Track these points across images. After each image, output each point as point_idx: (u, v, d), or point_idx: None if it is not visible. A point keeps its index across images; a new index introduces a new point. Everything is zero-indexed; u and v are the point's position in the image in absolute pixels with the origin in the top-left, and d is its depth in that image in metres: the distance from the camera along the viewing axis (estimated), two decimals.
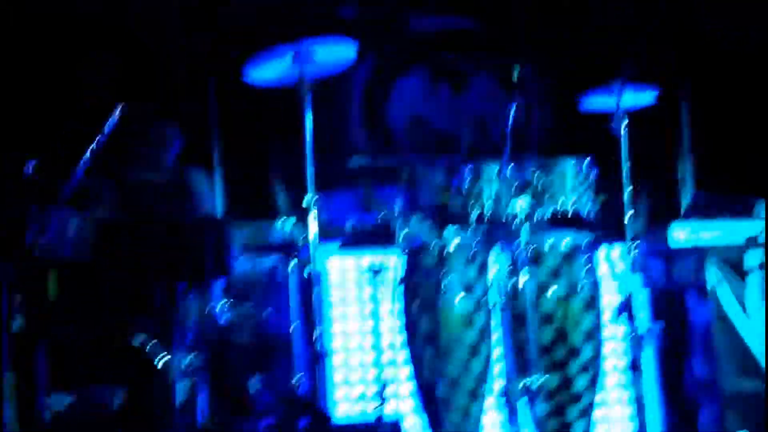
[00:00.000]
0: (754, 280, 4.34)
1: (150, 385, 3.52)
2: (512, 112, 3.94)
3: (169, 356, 3.53)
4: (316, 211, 3.83)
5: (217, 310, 3.84)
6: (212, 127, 5.11)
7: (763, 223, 4.47)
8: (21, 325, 3.44)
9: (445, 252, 4.18)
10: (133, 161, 4.55)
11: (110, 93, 3.53)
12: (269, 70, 4.03)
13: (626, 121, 4.26)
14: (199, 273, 3.69)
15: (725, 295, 4.37)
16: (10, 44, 4.78)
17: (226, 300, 3.86)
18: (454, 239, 4.21)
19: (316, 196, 3.88)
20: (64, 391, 3.53)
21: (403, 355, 4.30)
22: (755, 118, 5.26)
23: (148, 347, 3.56)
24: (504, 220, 4.08)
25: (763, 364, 4.32)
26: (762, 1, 5.21)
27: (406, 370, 4.35)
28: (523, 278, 4.01)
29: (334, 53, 4.02)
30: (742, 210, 4.70)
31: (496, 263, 4.16)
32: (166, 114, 4.45)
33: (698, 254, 4.40)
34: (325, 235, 4.05)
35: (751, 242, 4.39)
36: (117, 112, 3.49)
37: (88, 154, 3.48)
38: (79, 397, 3.53)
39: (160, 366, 3.53)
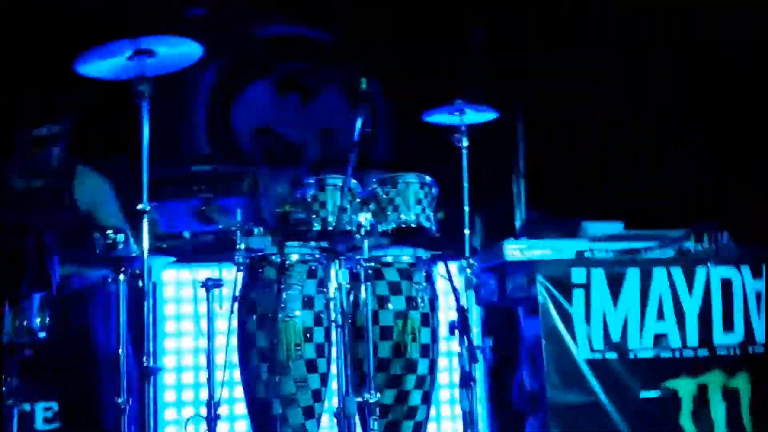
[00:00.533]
0: (579, 296, 4.22)
1: None
2: (359, 125, 3.68)
3: None
4: (149, 221, 3.32)
5: (35, 325, 3.29)
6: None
7: (587, 243, 4.42)
8: None
9: (286, 264, 3.86)
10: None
11: None
12: (106, 66, 3.48)
13: (466, 139, 4.17)
14: (16, 286, 3.15)
15: (553, 311, 4.20)
16: None
17: (44, 315, 3.31)
18: (295, 252, 3.92)
19: (151, 205, 3.38)
20: None
21: (238, 373, 3.94)
22: (583, 143, 5.29)
23: None
24: (346, 234, 3.81)
25: (586, 377, 4.19)
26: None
27: (240, 390, 3.99)
28: (363, 292, 3.75)
29: (178, 53, 3.51)
30: (569, 229, 4.64)
31: (337, 277, 3.82)
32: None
33: (529, 270, 4.25)
34: (159, 246, 3.58)
35: (580, 257, 4.32)
36: None
37: None
38: None
39: None
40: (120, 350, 3.35)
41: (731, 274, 4.37)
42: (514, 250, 4.29)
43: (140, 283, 3.33)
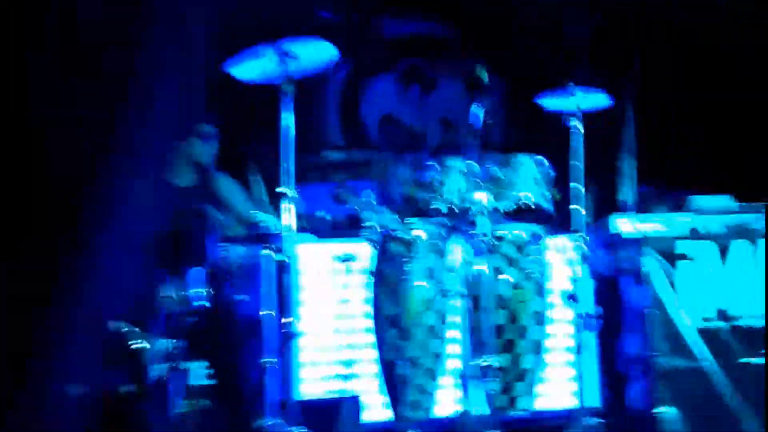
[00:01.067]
0: (686, 268, 4.12)
1: (127, 369, 3.11)
2: (478, 111, 3.62)
3: (145, 341, 3.12)
4: (292, 202, 3.40)
5: (196, 295, 3.42)
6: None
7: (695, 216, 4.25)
8: None
9: (411, 240, 3.85)
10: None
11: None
12: (252, 68, 3.58)
13: (580, 121, 4.00)
14: (177, 261, 3.28)
15: (659, 281, 4.12)
16: None
17: (202, 287, 3.43)
18: (419, 228, 3.89)
19: (293, 188, 3.46)
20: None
21: (369, 337, 3.97)
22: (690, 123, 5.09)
23: (125, 332, 3.14)
24: (466, 212, 3.75)
25: (692, 344, 4.10)
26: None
27: (371, 352, 4.01)
28: (481, 265, 3.66)
29: (314, 54, 3.58)
30: (677, 204, 4.47)
31: (458, 251, 3.82)
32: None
33: (636, 244, 4.18)
34: (300, 225, 3.65)
35: (694, 233, 4.19)
36: None
37: None
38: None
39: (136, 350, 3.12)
40: (267, 316, 3.41)
41: None
42: (624, 224, 4.18)
43: (285, 258, 3.44)
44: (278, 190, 3.23)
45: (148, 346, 3.17)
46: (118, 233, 3.26)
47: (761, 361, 4.06)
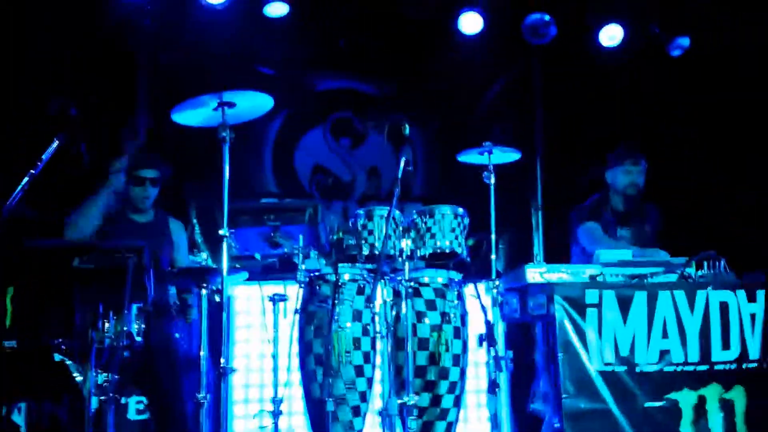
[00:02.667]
0: (592, 315, 4.26)
1: (67, 399, 3.16)
2: (402, 164, 3.82)
3: (85, 373, 3.17)
4: (228, 244, 3.53)
5: (133, 331, 3.49)
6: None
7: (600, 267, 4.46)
8: None
9: (339, 283, 4.01)
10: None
11: (49, 125, 3.13)
12: (194, 115, 3.75)
13: (493, 176, 4.23)
14: (120, 297, 3.35)
15: (569, 327, 4.24)
16: None
17: (140, 323, 3.51)
18: (346, 272, 4.07)
19: (229, 231, 3.60)
20: None
21: (297, 375, 4.08)
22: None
23: (67, 364, 3.20)
24: (390, 257, 3.97)
25: (598, 387, 4.24)
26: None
27: (299, 390, 4.12)
28: (404, 308, 3.87)
29: (253, 105, 3.76)
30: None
31: (382, 294, 4.01)
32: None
33: (547, 291, 4.29)
34: (234, 266, 3.77)
35: (594, 283, 4.35)
36: (55, 144, 3.12)
37: (24, 182, 3.09)
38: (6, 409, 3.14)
39: (77, 382, 3.17)
40: (201, 353, 3.49)
41: (728, 297, 4.36)
42: (534, 273, 4.31)
43: (217, 298, 3.55)
44: (220, 232, 3.34)
45: (84, 379, 3.21)
46: (60, 264, 3.32)
47: (658, 404, 4.22)
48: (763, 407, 4.29)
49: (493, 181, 4.25)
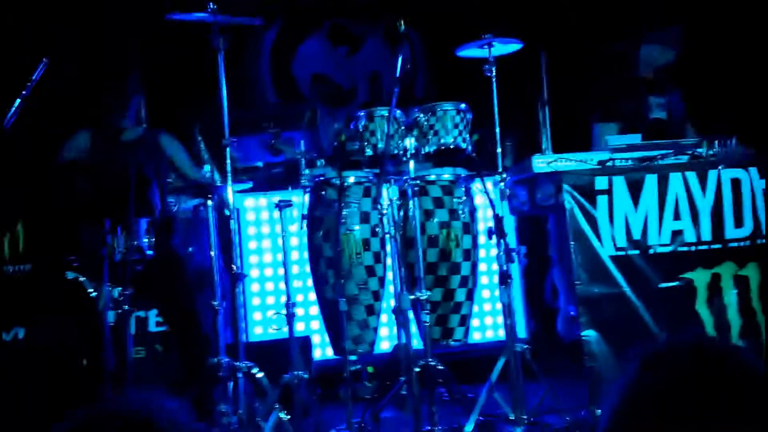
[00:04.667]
0: (602, 201, 4.23)
1: (83, 315, 3.22)
2: (399, 62, 3.74)
3: (99, 289, 3.23)
4: (230, 153, 3.52)
5: (144, 244, 3.53)
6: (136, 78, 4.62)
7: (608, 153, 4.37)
8: None
9: (344, 186, 4.00)
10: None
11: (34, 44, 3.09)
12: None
13: (495, 68, 4.12)
14: (125, 212, 3.37)
15: (579, 215, 4.23)
16: None
17: (150, 236, 3.55)
18: (351, 175, 4.05)
19: (231, 141, 3.58)
20: (8, 326, 3.19)
21: (309, 280, 4.11)
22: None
23: (80, 281, 3.25)
24: (394, 157, 3.93)
25: (611, 271, 4.23)
26: None
27: (312, 294, 4.17)
28: (411, 207, 3.87)
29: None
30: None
31: (388, 195, 3.99)
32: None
33: (556, 180, 4.25)
34: (238, 176, 3.77)
35: (604, 168, 4.28)
36: (42, 65, 3.09)
37: (15, 104, 3.08)
38: (26, 330, 3.21)
39: (91, 297, 3.23)
40: (213, 261, 3.53)
41: (740, 174, 4.29)
42: (542, 162, 4.26)
43: (226, 211, 3.57)
44: (223, 142, 3.33)
45: (98, 293, 3.27)
46: (65, 183, 3.33)
47: (673, 284, 4.22)
48: None
49: (494, 73, 4.15)
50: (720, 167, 4.30)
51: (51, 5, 4.57)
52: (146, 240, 3.54)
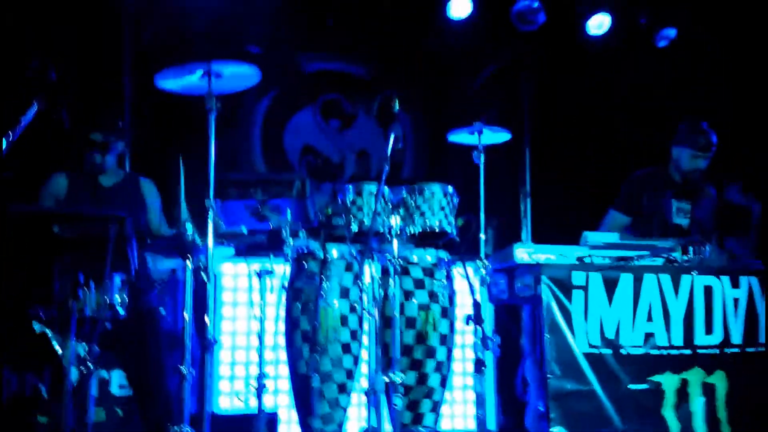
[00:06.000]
0: (578, 296, 4.17)
1: (47, 370, 2.97)
2: (391, 140, 3.67)
3: (65, 344, 2.98)
4: (213, 217, 3.35)
5: (115, 302, 3.29)
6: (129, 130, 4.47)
7: (587, 249, 4.32)
8: None
9: (327, 260, 3.86)
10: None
11: (28, 88, 2.94)
12: (179, 82, 3.55)
13: (483, 156, 4.10)
14: (101, 266, 3.15)
15: (555, 308, 4.15)
16: None
17: (123, 294, 3.32)
18: (334, 249, 3.92)
19: (215, 204, 3.41)
20: None
21: (283, 353, 3.92)
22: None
23: (46, 334, 3.00)
24: (379, 235, 3.82)
25: (583, 368, 4.14)
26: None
27: (285, 368, 3.97)
28: (392, 286, 3.74)
29: (240, 75, 3.57)
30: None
31: (370, 272, 3.84)
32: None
33: (535, 272, 4.19)
34: (220, 240, 3.59)
35: (582, 264, 4.24)
36: (32, 109, 2.92)
37: (2, 146, 2.89)
38: None
39: (57, 352, 2.98)
40: (185, 326, 3.32)
41: (712, 282, 4.28)
42: (522, 252, 4.21)
43: (203, 275, 3.36)
44: (206, 202, 3.17)
45: (64, 349, 3.03)
46: (42, 232, 3.12)
47: (642, 386, 4.15)
48: (743, 392, 4.22)
49: (482, 160, 4.11)
50: (693, 273, 4.26)
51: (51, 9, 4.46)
52: (119, 297, 3.32)
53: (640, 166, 5.01)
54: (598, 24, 5.73)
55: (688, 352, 4.22)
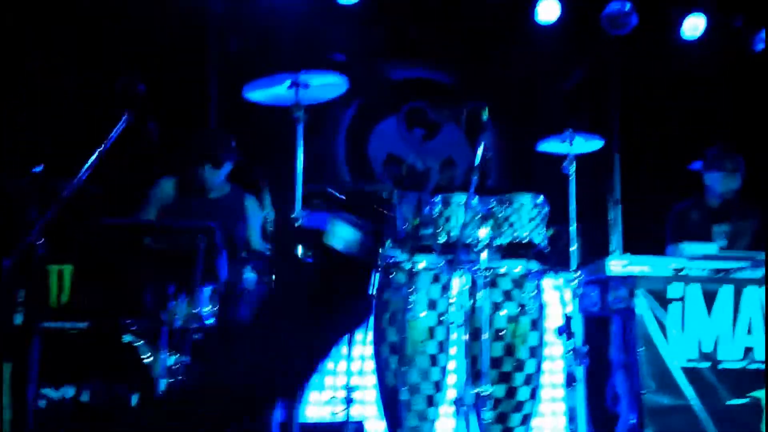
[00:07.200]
0: (675, 309, 3.95)
1: (136, 381, 2.90)
2: (480, 149, 3.51)
3: (155, 355, 2.91)
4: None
5: (205, 313, 3.21)
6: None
7: (684, 260, 4.06)
8: (21, 319, 2.80)
9: (414, 271, 3.70)
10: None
11: (117, 102, 2.91)
12: (267, 94, 3.46)
13: (574, 165, 3.91)
14: (191, 278, 3.07)
15: (650, 321, 3.94)
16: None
17: (213, 304, 3.23)
18: (422, 260, 3.74)
19: (303, 213, 3.30)
20: (57, 384, 2.89)
21: (371, 363, 3.77)
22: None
23: (136, 345, 2.94)
24: (467, 246, 3.65)
25: (679, 383, 3.91)
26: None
27: (372, 378, 3.82)
28: (480, 298, 3.58)
29: (327, 85, 3.45)
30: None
31: (458, 284, 3.68)
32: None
33: (629, 284, 3.98)
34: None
35: (678, 276, 4.02)
36: (122, 121, 2.86)
37: (92, 159, 2.84)
38: (76, 390, 2.91)
39: (146, 363, 2.91)
40: None
41: None
42: (616, 265, 3.97)
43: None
44: (292, 216, 3.06)
45: (154, 361, 2.96)
46: (131, 244, 3.07)
47: (741, 402, 3.91)
48: None
49: (573, 169, 3.90)
50: None
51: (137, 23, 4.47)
52: (208, 309, 3.23)
53: None
54: (693, 26, 5.41)
55: None
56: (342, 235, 2.13)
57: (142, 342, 2.99)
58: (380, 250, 3.57)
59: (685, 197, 4.86)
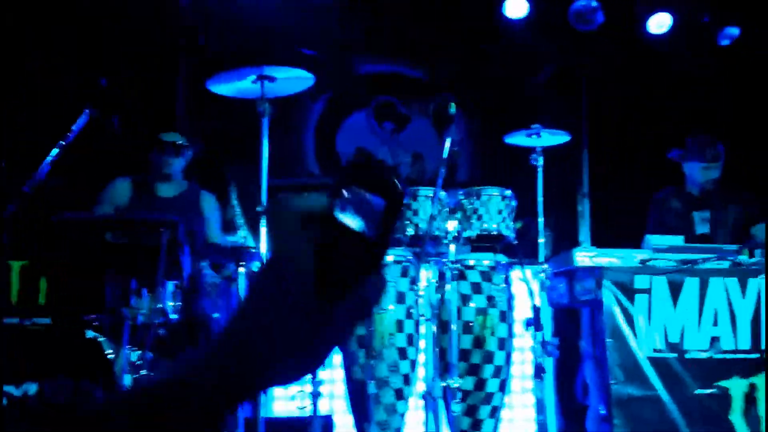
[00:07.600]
0: (641, 300, 3.92)
1: (99, 378, 2.82)
2: (448, 143, 3.47)
3: (118, 350, 2.84)
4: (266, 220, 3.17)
5: (168, 308, 3.14)
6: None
7: (650, 253, 4.07)
8: None
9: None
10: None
11: (78, 95, 2.84)
12: (233, 87, 3.39)
13: (542, 158, 3.92)
14: (154, 273, 3.00)
15: (617, 312, 3.91)
16: None
17: (176, 300, 3.16)
18: (390, 253, 3.69)
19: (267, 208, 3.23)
20: (18, 381, 2.80)
21: (338, 357, 3.72)
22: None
23: (99, 341, 2.86)
24: (435, 239, 3.62)
25: (647, 373, 3.89)
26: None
27: (340, 372, 3.77)
28: (449, 291, 3.53)
29: (293, 79, 3.38)
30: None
31: (427, 276, 3.63)
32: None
33: (597, 276, 3.95)
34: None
35: (645, 267, 4.00)
36: (84, 116, 2.78)
37: (53, 154, 2.76)
38: (38, 386, 2.83)
39: (109, 359, 2.83)
40: None
41: None
42: (583, 256, 3.96)
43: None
44: (257, 209, 2.99)
45: (117, 356, 2.88)
46: (92, 239, 2.99)
47: (708, 391, 3.90)
48: None
49: (541, 163, 3.91)
50: (761, 276, 3.95)
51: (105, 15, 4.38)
52: (171, 304, 3.15)
53: None
54: (659, 23, 5.41)
55: (755, 356, 3.94)
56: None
57: (104, 338, 2.91)
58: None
59: (654, 190, 4.85)
